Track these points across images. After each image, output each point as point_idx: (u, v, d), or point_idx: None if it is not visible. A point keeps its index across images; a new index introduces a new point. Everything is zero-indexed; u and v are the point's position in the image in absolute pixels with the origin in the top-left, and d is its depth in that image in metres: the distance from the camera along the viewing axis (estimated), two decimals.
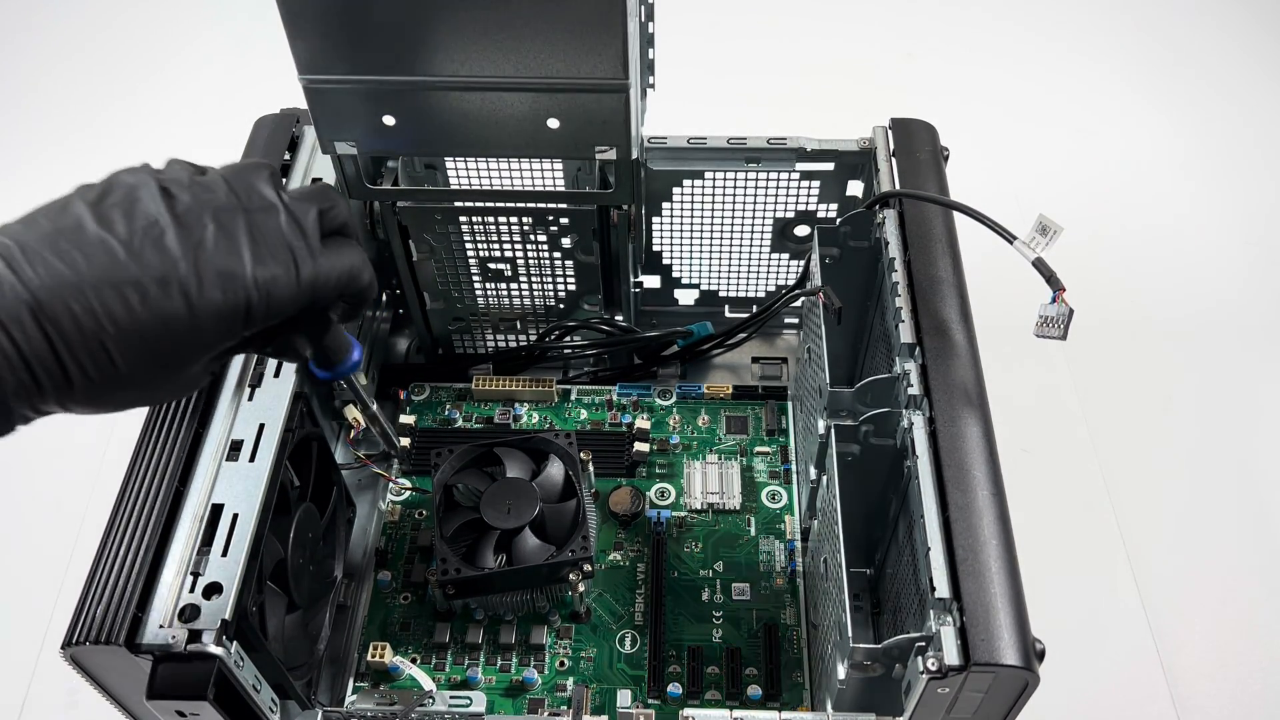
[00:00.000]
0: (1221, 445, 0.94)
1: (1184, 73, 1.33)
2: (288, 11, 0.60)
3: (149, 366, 0.42)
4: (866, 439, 0.62)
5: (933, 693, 0.49)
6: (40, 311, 0.38)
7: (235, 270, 0.43)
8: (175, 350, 0.42)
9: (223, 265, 0.42)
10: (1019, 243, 0.56)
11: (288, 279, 0.44)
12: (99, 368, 0.40)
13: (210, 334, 0.43)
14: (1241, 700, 0.78)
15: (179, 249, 0.41)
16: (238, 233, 0.43)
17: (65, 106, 1.29)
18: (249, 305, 0.43)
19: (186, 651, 0.50)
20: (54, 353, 0.39)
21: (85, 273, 0.40)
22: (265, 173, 0.46)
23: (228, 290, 0.42)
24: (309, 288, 0.45)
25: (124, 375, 0.41)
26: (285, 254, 0.44)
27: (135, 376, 0.41)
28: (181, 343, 0.42)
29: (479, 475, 0.72)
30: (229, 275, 0.42)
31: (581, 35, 0.60)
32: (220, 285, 0.42)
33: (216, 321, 0.43)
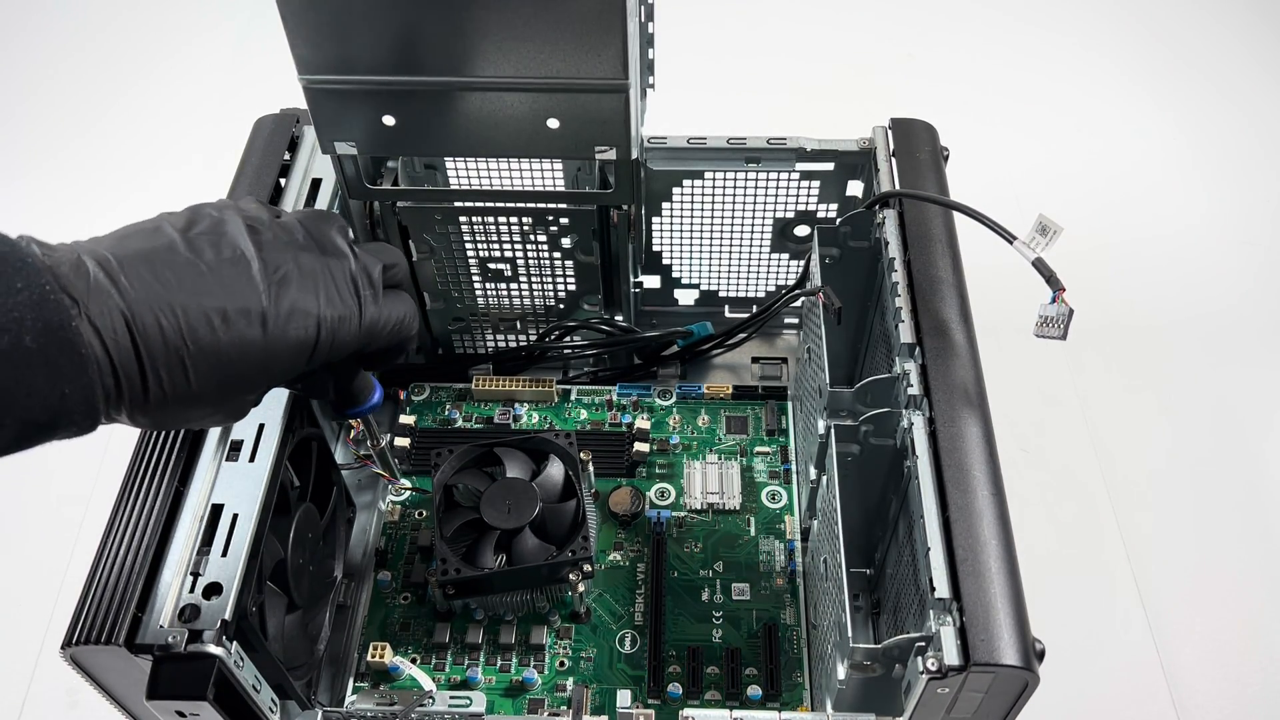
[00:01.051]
0: (1221, 445, 0.94)
1: (1185, 72, 1.33)
2: (287, 12, 0.60)
3: (218, 388, 0.44)
4: (866, 439, 0.62)
5: (932, 693, 0.49)
6: (132, 322, 0.40)
7: (309, 308, 0.46)
8: (245, 376, 0.45)
9: (299, 302, 0.46)
10: (1019, 243, 0.56)
11: (352, 321, 0.49)
12: (174, 383, 0.42)
13: (280, 364, 0.46)
14: (1241, 700, 0.78)
15: (262, 282, 0.45)
16: (314, 274, 0.47)
17: (65, 107, 1.29)
18: (317, 341, 0.47)
19: (186, 651, 0.50)
20: (139, 363, 0.41)
21: (176, 291, 0.42)
22: (336, 223, 0.51)
23: (302, 326, 0.46)
24: (368, 331, 0.50)
25: (194, 394, 0.43)
26: (352, 299, 0.49)
27: (204, 396, 0.44)
28: (252, 369, 0.45)
29: (479, 475, 0.72)
30: (304, 312, 0.46)
31: (581, 35, 0.60)
32: (295, 320, 0.46)
33: (288, 353, 0.46)
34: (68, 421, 0.40)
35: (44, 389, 0.38)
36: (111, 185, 1.16)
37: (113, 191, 1.14)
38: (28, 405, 0.38)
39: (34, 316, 0.37)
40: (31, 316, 0.37)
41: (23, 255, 0.38)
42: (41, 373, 0.38)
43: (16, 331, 0.37)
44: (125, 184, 1.15)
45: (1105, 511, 0.89)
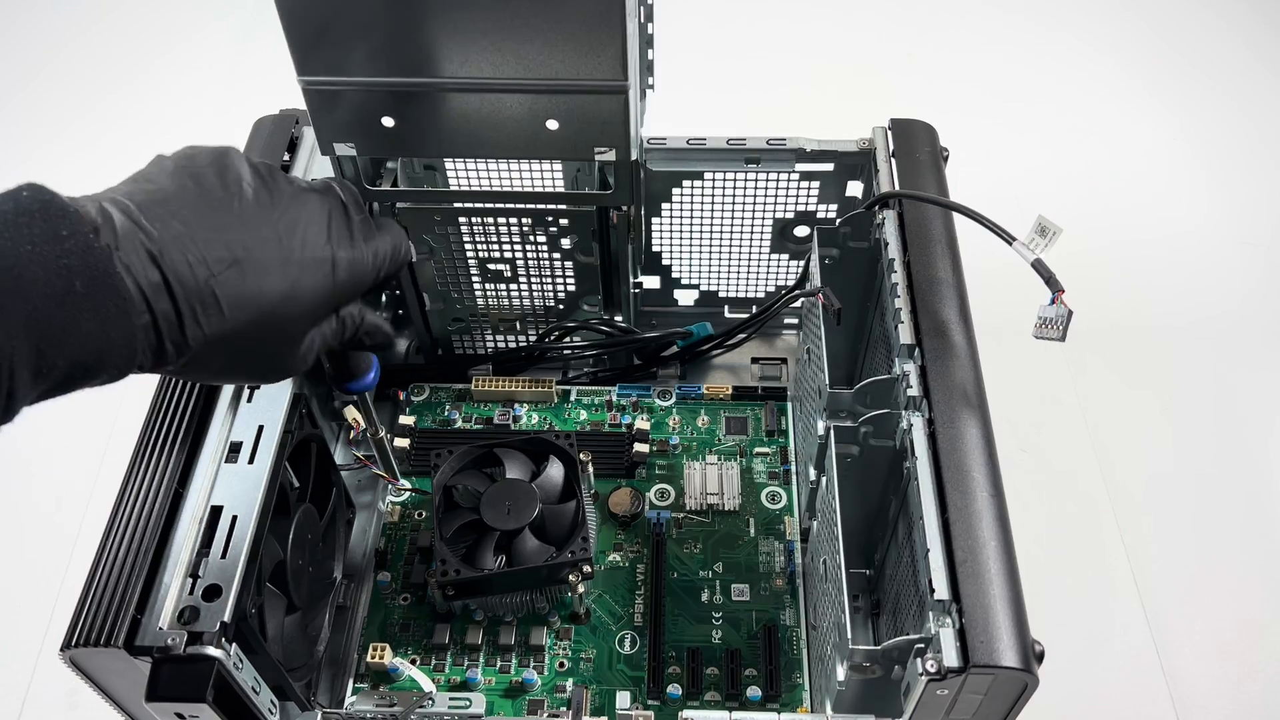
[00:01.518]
0: (1221, 445, 0.94)
1: (1185, 73, 1.33)
2: (286, 13, 0.60)
3: (253, 326, 0.46)
4: (866, 440, 0.62)
5: (932, 694, 0.49)
6: (161, 260, 0.42)
7: (319, 239, 0.49)
8: (276, 311, 0.46)
9: (309, 234, 0.48)
10: (1018, 244, 0.56)
11: (360, 255, 0.51)
12: (209, 319, 0.43)
13: (305, 298, 0.48)
14: (1241, 700, 0.78)
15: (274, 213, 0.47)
16: (316, 208, 0.50)
17: (64, 106, 1.29)
18: (334, 272, 0.49)
19: (186, 653, 0.50)
20: (173, 301, 0.42)
21: (196, 229, 0.43)
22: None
23: (315, 257, 0.48)
24: (376, 263, 0.52)
25: (230, 332, 0.45)
26: (349, 232, 0.51)
27: (239, 336, 0.45)
28: (281, 301, 0.47)
29: (479, 476, 0.71)
30: (315, 243, 0.48)
31: (581, 36, 0.60)
32: (310, 250, 0.48)
33: (311, 284, 0.48)
34: (111, 363, 0.41)
35: (93, 332, 0.39)
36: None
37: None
38: (78, 348, 0.39)
39: (81, 263, 0.39)
40: (79, 263, 0.39)
41: (63, 204, 0.39)
42: (90, 316, 0.39)
43: (68, 277, 0.38)
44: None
45: (1105, 511, 0.89)
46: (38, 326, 0.37)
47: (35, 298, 0.37)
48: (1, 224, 0.38)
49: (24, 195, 0.39)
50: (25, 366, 0.37)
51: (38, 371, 0.38)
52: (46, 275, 0.38)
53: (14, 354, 0.37)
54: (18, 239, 0.37)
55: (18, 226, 0.38)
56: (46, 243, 0.38)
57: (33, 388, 0.38)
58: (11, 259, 0.37)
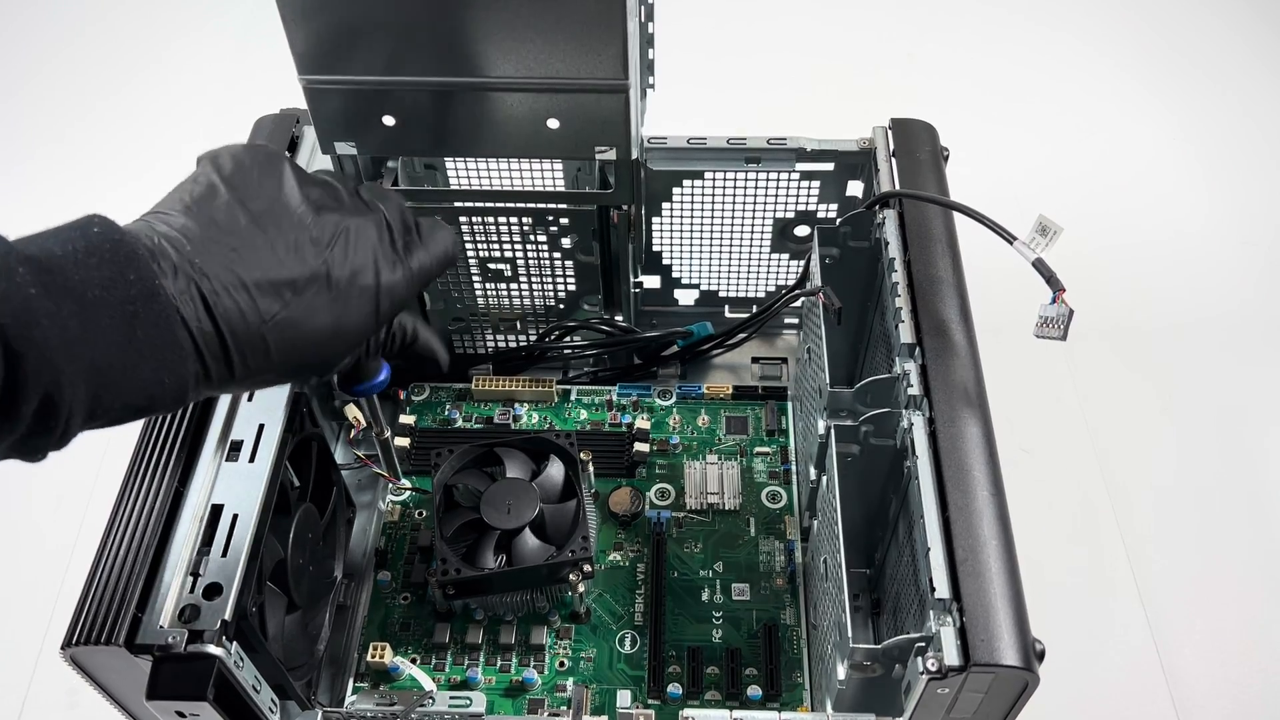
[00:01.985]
0: (1221, 445, 0.94)
1: (1185, 72, 1.33)
2: (287, 12, 0.60)
3: (298, 358, 0.45)
4: (866, 439, 0.62)
5: (932, 693, 0.49)
6: (214, 307, 0.41)
7: (366, 267, 0.47)
8: (320, 343, 0.46)
9: (356, 263, 0.47)
10: (1019, 243, 0.56)
11: (402, 274, 0.49)
12: (257, 360, 0.43)
13: (350, 327, 0.47)
14: (1241, 700, 0.78)
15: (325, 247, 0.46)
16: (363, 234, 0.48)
17: (64, 106, 1.29)
18: (377, 301, 0.48)
19: (186, 652, 0.50)
20: (223, 347, 0.42)
21: (249, 268, 0.43)
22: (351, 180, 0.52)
23: (362, 286, 0.47)
24: (421, 279, 0.51)
25: (274, 365, 0.44)
26: (394, 253, 0.49)
27: (284, 366, 0.45)
28: (326, 335, 0.46)
29: (479, 475, 0.71)
30: (363, 272, 0.47)
31: (581, 35, 0.60)
32: (357, 280, 0.47)
33: (357, 314, 0.47)
34: (161, 404, 0.41)
35: (149, 378, 0.39)
36: (111, 185, 1.16)
37: (112, 192, 1.14)
38: (134, 393, 0.39)
39: (145, 310, 0.38)
40: (143, 310, 0.38)
41: (132, 245, 0.39)
42: (149, 363, 0.39)
43: (131, 325, 0.38)
44: (125, 184, 1.14)
45: (1105, 511, 0.89)
46: (98, 374, 0.37)
47: (99, 346, 0.37)
48: (73, 264, 0.37)
49: (95, 232, 0.38)
50: (81, 410, 0.37)
51: (92, 414, 0.38)
52: (113, 322, 0.37)
53: (73, 401, 0.37)
54: (87, 281, 0.37)
55: (87, 268, 0.37)
56: (115, 287, 0.38)
57: (85, 426, 0.39)
58: (78, 304, 0.36)
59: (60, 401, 0.36)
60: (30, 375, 0.35)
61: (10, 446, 0.37)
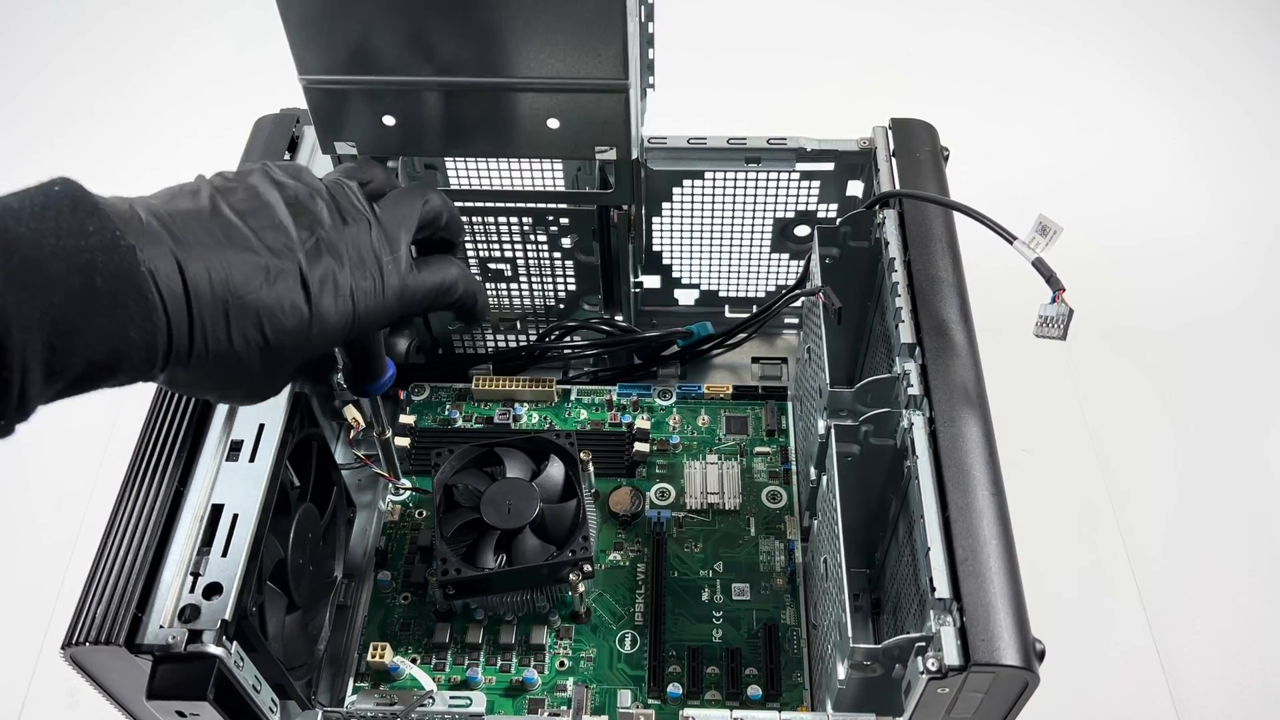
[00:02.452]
0: (1221, 445, 0.94)
1: (1185, 72, 1.33)
2: (287, 12, 0.60)
3: (257, 352, 0.44)
4: (866, 439, 0.62)
5: (933, 693, 0.49)
6: (184, 269, 0.41)
7: (341, 279, 0.47)
8: (284, 342, 0.45)
9: (331, 271, 0.46)
10: (1019, 243, 0.56)
11: (374, 291, 0.48)
12: (216, 337, 0.43)
13: (320, 332, 0.46)
14: (1241, 700, 0.78)
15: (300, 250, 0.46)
16: (338, 245, 0.47)
17: (63, 106, 1.29)
18: (354, 311, 0.47)
19: (186, 652, 0.50)
20: (189, 312, 0.41)
21: (224, 248, 0.43)
22: (360, 179, 0.51)
23: (334, 295, 0.46)
24: (395, 300, 0.49)
25: (233, 353, 0.44)
26: (375, 268, 0.48)
27: (241, 359, 0.44)
28: (292, 336, 0.45)
29: (479, 475, 0.71)
30: (335, 282, 0.46)
31: (581, 35, 0.60)
32: (327, 288, 0.46)
33: (328, 319, 0.46)
34: (128, 365, 0.40)
35: (111, 330, 0.39)
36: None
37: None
38: (95, 345, 0.38)
39: (105, 259, 0.38)
40: (103, 259, 0.38)
41: (94, 200, 0.39)
42: (109, 314, 0.38)
43: (89, 273, 0.38)
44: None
45: (1105, 511, 0.89)
46: (53, 323, 0.37)
47: (54, 293, 0.37)
48: (29, 215, 0.37)
49: (55, 190, 0.39)
50: (38, 363, 0.37)
51: (51, 369, 0.38)
52: (67, 270, 0.37)
53: (27, 350, 0.36)
54: (42, 231, 0.37)
55: (44, 219, 0.37)
56: (71, 236, 0.37)
57: (46, 385, 0.38)
58: (32, 250, 0.36)
59: (12, 349, 0.36)
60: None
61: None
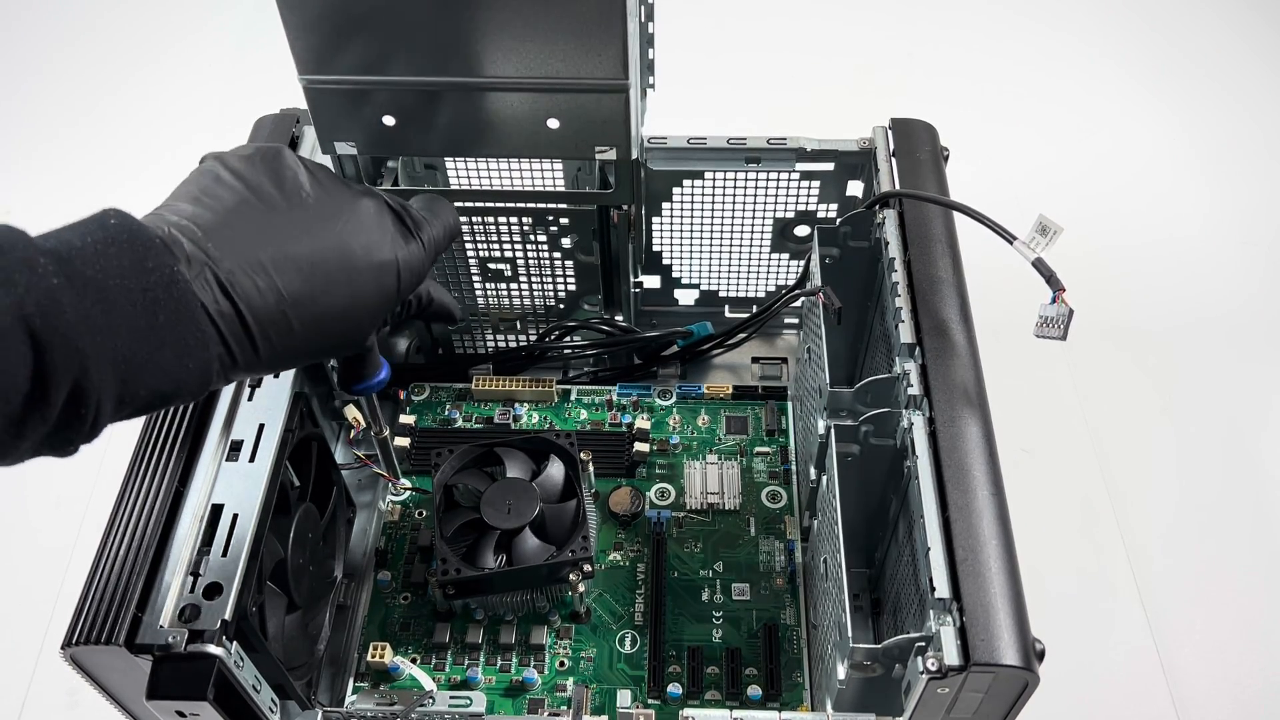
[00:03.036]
0: (1221, 445, 0.94)
1: (1185, 72, 1.33)
2: (287, 12, 0.60)
3: (320, 332, 0.46)
4: (866, 439, 0.62)
5: (933, 693, 0.49)
6: (232, 290, 0.42)
7: (381, 243, 0.49)
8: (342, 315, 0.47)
9: (370, 239, 0.48)
10: (1019, 243, 0.56)
11: (418, 251, 0.51)
12: (281, 338, 0.44)
13: (369, 301, 0.48)
14: (1241, 700, 0.78)
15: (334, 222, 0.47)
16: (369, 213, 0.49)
17: (63, 106, 1.29)
18: (399, 277, 0.49)
19: (186, 651, 0.50)
20: (245, 328, 0.42)
21: (262, 246, 0.43)
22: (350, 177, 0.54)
23: (378, 261, 0.48)
24: (433, 251, 0.52)
25: (301, 342, 0.45)
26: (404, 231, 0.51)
27: (310, 341, 0.46)
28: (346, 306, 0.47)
29: (479, 475, 0.71)
30: (378, 247, 0.48)
31: (581, 35, 0.60)
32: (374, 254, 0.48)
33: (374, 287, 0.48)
34: (187, 391, 0.41)
35: (174, 363, 0.40)
36: (111, 185, 1.16)
37: (112, 191, 1.13)
38: (160, 379, 0.39)
39: (166, 295, 0.39)
40: (164, 295, 0.39)
41: (149, 234, 0.40)
42: (171, 348, 0.39)
43: (154, 311, 0.38)
44: (125, 184, 1.15)
45: (1105, 511, 0.89)
46: (124, 361, 0.38)
47: (124, 332, 0.37)
48: (93, 254, 0.38)
49: (112, 224, 0.39)
50: (110, 399, 0.38)
51: (120, 402, 0.39)
52: (134, 311, 0.38)
53: (102, 389, 0.37)
54: (108, 271, 0.38)
55: (107, 258, 0.38)
56: (134, 276, 0.38)
57: (114, 415, 0.39)
58: (102, 292, 0.37)
59: (89, 389, 0.37)
60: (59, 364, 0.35)
61: (42, 439, 0.37)
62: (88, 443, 0.39)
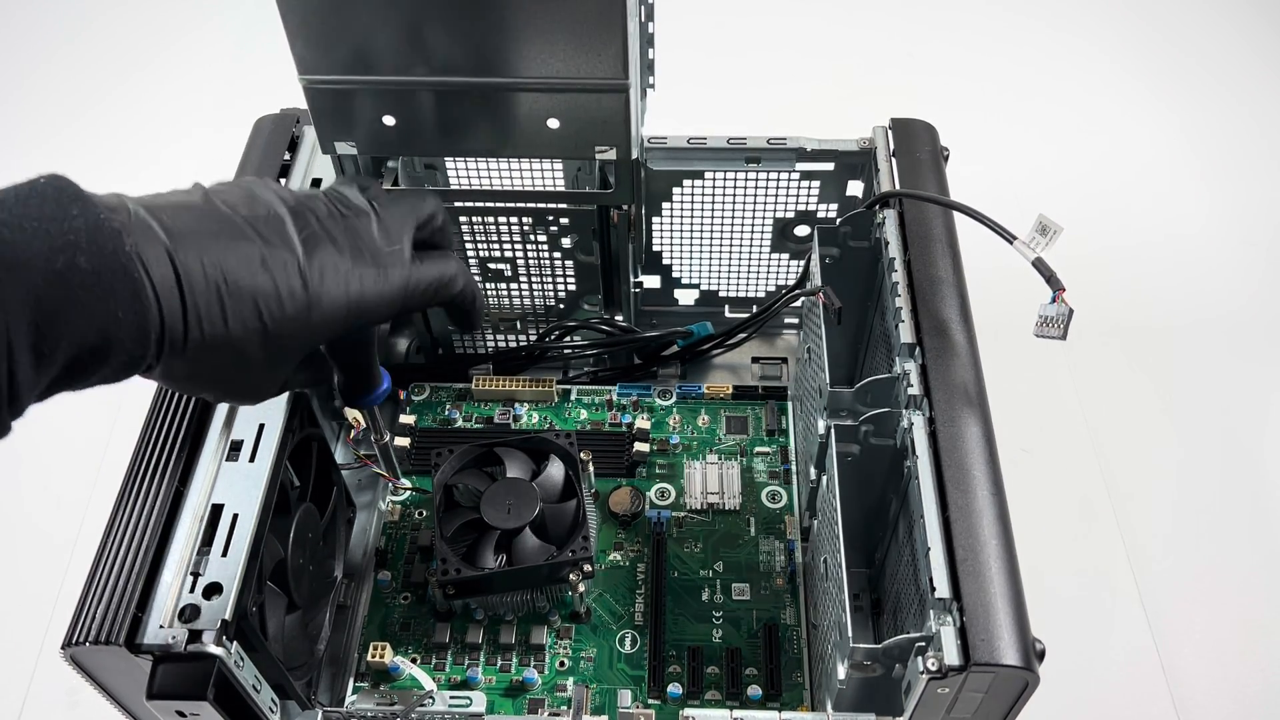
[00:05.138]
0: (1221, 445, 0.94)
1: (1186, 72, 1.33)
2: (288, 11, 0.60)
3: (256, 341, 0.45)
4: (866, 439, 0.62)
5: (933, 693, 0.49)
6: (174, 255, 0.41)
7: (340, 266, 0.47)
8: (283, 332, 0.45)
9: (330, 260, 0.47)
10: (1019, 243, 0.56)
11: (377, 279, 0.48)
12: (212, 323, 0.43)
13: (318, 322, 0.46)
14: (1241, 700, 0.78)
15: (296, 237, 0.46)
16: (338, 234, 0.48)
17: (62, 106, 1.29)
18: (348, 302, 0.47)
19: (186, 651, 0.50)
20: (181, 297, 0.41)
21: (215, 237, 0.43)
22: (358, 183, 0.52)
23: (334, 283, 0.47)
24: (399, 289, 0.50)
25: (229, 341, 0.44)
26: (377, 259, 0.49)
27: (239, 347, 0.44)
28: (290, 325, 0.45)
29: (479, 475, 0.71)
30: (335, 269, 0.47)
31: (581, 35, 0.60)
32: (329, 277, 0.46)
33: (327, 309, 0.46)
34: (120, 350, 0.40)
35: (98, 310, 0.39)
36: (110, 185, 1.16)
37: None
38: (83, 327, 0.38)
39: (89, 240, 0.38)
40: (86, 240, 0.38)
41: (79, 190, 0.40)
42: (95, 294, 0.38)
43: (71, 253, 0.38)
44: (124, 184, 1.15)
45: (1105, 511, 0.89)
46: (37, 302, 0.37)
47: (35, 273, 0.37)
48: (13, 203, 0.38)
49: (41, 182, 0.39)
50: (25, 348, 0.37)
51: (39, 354, 0.37)
52: (49, 251, 0.37)
53: (11, 331, 0.36)
54: (24, 216, 0.37)
55: (26, 205, 0.38)
56: (52, 220, 0.38)
57: (37, 373, 0.38)
58: (13, 234, 0.37)
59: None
60: None
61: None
62: (15, 415, 0.38)
